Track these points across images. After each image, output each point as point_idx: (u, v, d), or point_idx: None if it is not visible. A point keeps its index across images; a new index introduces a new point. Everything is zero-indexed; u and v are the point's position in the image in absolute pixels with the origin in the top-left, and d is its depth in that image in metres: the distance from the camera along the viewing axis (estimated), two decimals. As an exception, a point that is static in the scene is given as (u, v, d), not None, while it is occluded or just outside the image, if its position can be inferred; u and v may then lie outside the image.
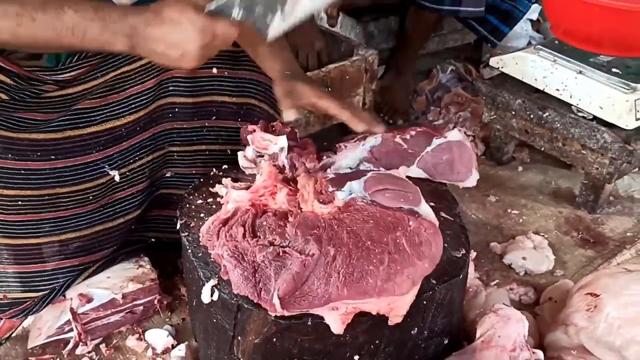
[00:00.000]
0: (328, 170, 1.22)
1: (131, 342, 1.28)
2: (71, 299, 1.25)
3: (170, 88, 1.27)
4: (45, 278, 1.21)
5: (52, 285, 1.23)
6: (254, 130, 1.23)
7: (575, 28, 1.66)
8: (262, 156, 1.23)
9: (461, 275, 1.07)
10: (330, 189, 1.07)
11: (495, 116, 1.82)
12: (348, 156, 1.24)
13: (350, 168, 1.23)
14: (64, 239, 1.20)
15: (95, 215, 1.22)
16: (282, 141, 1.21)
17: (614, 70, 1.60)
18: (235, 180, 1.23)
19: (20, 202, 1.15)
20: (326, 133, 1.81)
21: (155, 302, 1.31)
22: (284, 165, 1.20)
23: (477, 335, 1.11)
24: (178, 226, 1.14)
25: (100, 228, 1.24)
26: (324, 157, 1.24)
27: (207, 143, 1.33)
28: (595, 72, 1.60)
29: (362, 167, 1.23)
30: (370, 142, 1.26)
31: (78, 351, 1.25)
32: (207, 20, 1.00)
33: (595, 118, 1.60)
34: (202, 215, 1.15)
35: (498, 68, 1.79)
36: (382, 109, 2.13)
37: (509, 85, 1.77)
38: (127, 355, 1.26)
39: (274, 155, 1.21)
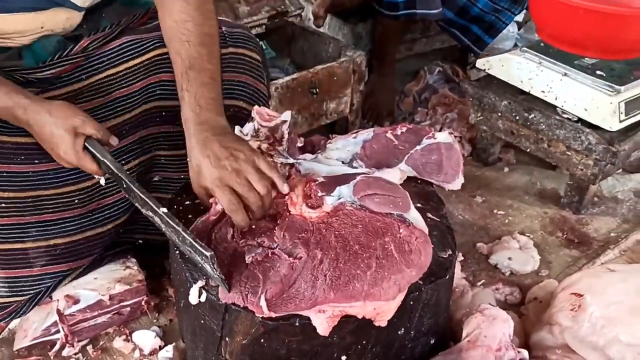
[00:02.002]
0: (320, 157, 1.23)
1: (118, 343, 1.27)
2: (58, 300, 1.25)
3: (158, 92, 1.26)
4: (33, 282, 1.21)
5: (39, 289, 1.22)
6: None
7: (561, 31, 1.68)
8: (259, 134, 1.24)
9: (447, 276, 1.07)
10: (320, 193, 1.07)
11: (481, 117, 1.84)
12: (340, 147, 1.25)
13: (343, 162, 1.24)
14: (53, 244, 1.19)
15: (84, 220, 1.22)
16: (286, 115, 1.23)
17: (598, 72, 1.62)
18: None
19: (3, 205, 1.14)
20: (314, 133, 1.82)
21: (143, 303, 1.31)
22: (281, 138, 1.21)
23: (464, 335, 1.12)
24: (165, 227, 1.14)
25: (91, 233, 1.23)
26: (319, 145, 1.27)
27: None
28: (580, 75, 1.62)
29: (354, 164, 1.24)
30: (362, 136, 1.27)
31: (64, 353, 1.24)
32: (76, 159, 1.08)
33: (580, 120, 1.62)
34: (190, 217, 1.15)
35: (484, 70, 1.81)
36: (366, 113, 2.13)
37: (495, 87, 1.78)
38: (114, 357, 1.26)
39: (275, 127, 1.21)
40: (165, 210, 1.02)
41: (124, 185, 1.09)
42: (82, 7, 1.21)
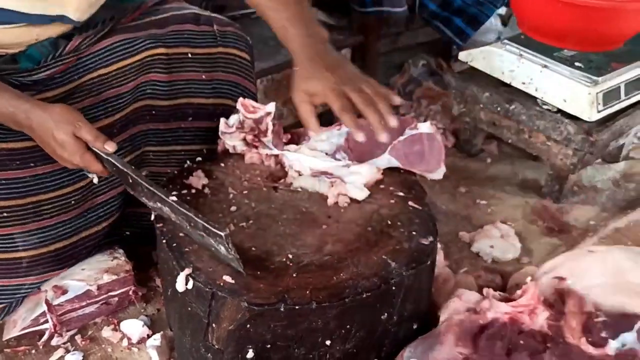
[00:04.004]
0: (303, 149, 1.25)
1: (107, 332, 1.29)
2: (46, 291, 1.26)
3: (148, 91, 1.28)
4: (30, 288, 1.23)
5: (33, 289, 1.25)
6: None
7: (541, 23, 1.72)
8: (244, 125, 1.26)
9: (429, 262, 1.10)
10: (603, 333, 1.06)
11: (464, 109, 1.87)
12: (324, 139, 1.28)
13: (327, 153, 1.26)
14: (53, 250, 1.21)
15: (80, 221, 1.24)
16: (271, 107, 1.25)
17: (576, 64, 1.65)
18: (209, 173, 1.25)
19: (5, 214, 1.15)
20: (299, 126, 1.84)
21: (130, 293, 1.33)
22: (266, 130, 1.24)
23: (441, 319, 1.15)
24: (152, 217, 1.16)
25: (86, 234, 1.25)
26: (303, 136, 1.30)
27: (183, 143, 1.34)
28: (559, 66, 1.65)
29: (338, 156, 1.27)
30: (346, 127, 1.29)
31: (53, 342, 1.26)
32: (81, 161, 1.09)
33: (559, 110, 1.65)
34: (176, 207, 1.17)
35: (467, 62, 1.84)
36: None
37: (478, 79, 1.81)
38: (103, 346, 1.27)
39: (260, 118, 1.24)
40: (174, 198, 1.05)
41: (130, 181, 1.11)
42: (79, 22, 1.22)
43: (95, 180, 1.20)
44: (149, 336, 1.28)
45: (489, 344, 1.05)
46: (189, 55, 1.29)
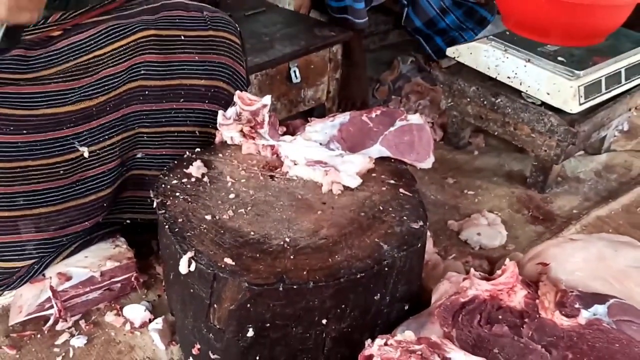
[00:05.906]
0: (299, 139, 1.30)
1: (110, 317, 1.33)
2: (50, 277, 1.30)
3: (142, 72, 1.32)
4: (18, 249, 1.27)
5: (24, 256, 1.28)
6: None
7: (525, 20, 1.78)
8: (241, 117, 1.31)
9: (419, 245, 1.16)
10: (577, 304, 1.11)
11: (452, 103, 1.93)
12: (318, 130, 1.33)
13: (321, 143, 1.32)
14: (37, 213, 1.26)
15: (67, 191, 1.28)
16: (267, 99, 1.31)
17: (559, 58, 1.71)
18: (207, 163, 1.30)
19: None
20: (292, 119, 1.89)
21: (132, 279, 1.37)
22: (262, 121, 1.29)
23: (433, 300, 1.21)
24: (154, 205, 1.20)
25: (73, 204, 1.30)
26: (298, 128, 1.35)
27: (176, 125, 1.38)
28: (543, 61, 1.71)
29: (331, 146, 1.32)
30: (339, 119, 1.34)
31: (58, 327, 1.30)
32: None
33: (543, 103, 1.72)
34: (177, 194, 1.21)
35: (454, 58, 1.90)
36: (340, 103, 2.22)
37: (464, 74, 1.87)
38: (106, 330, 1.32)
39: (256, 110, 1.30)
40: None
41: None
42: None
43: (86, 154, 1.26)
44: (150, 320, 1.32)
45: (468, 317, 1.11)
46: (182, 38, 1.34)
